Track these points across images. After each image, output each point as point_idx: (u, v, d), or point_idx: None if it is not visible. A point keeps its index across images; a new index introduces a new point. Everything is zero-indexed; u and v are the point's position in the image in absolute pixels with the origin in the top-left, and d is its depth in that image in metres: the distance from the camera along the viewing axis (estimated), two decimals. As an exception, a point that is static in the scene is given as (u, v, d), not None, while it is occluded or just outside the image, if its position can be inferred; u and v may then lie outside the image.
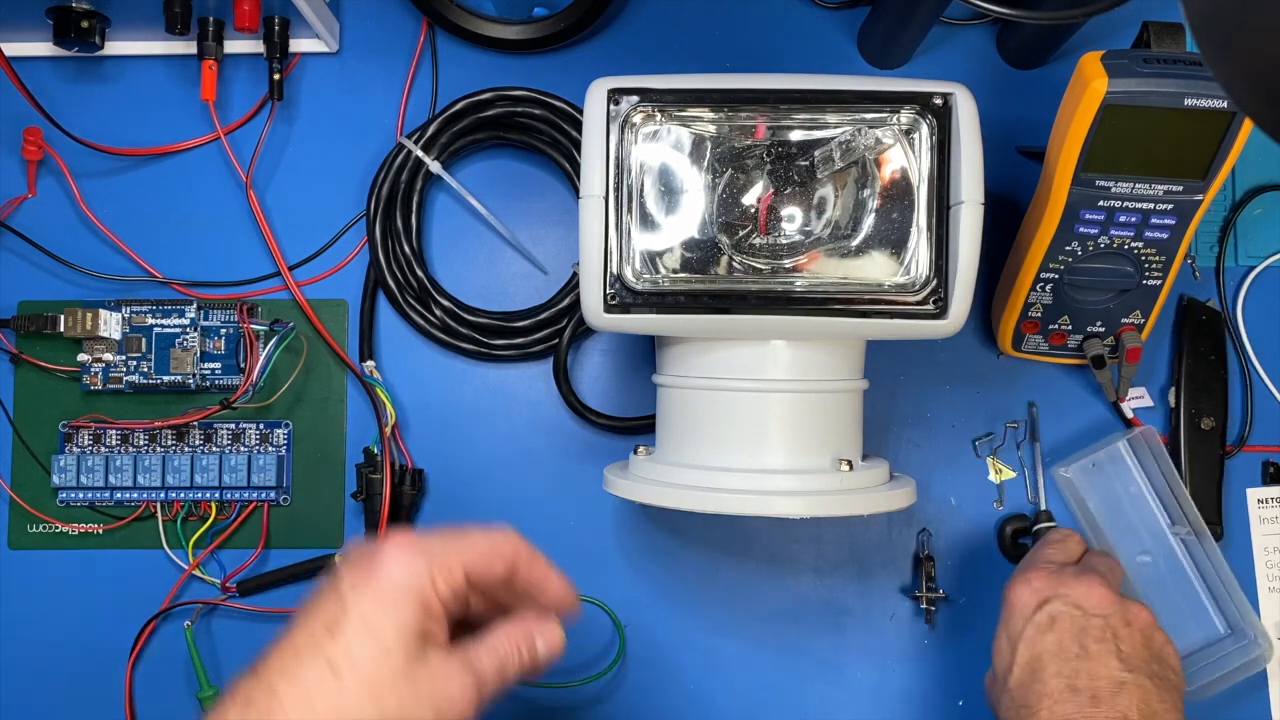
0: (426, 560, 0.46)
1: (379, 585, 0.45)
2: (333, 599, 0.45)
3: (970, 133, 0.55)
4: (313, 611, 0.45)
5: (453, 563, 0.46)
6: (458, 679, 0.46)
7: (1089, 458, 0.68)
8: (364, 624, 0.44)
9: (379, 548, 0.46)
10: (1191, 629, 0.67)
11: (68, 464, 0.68)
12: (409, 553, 0.46)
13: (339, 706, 0.43)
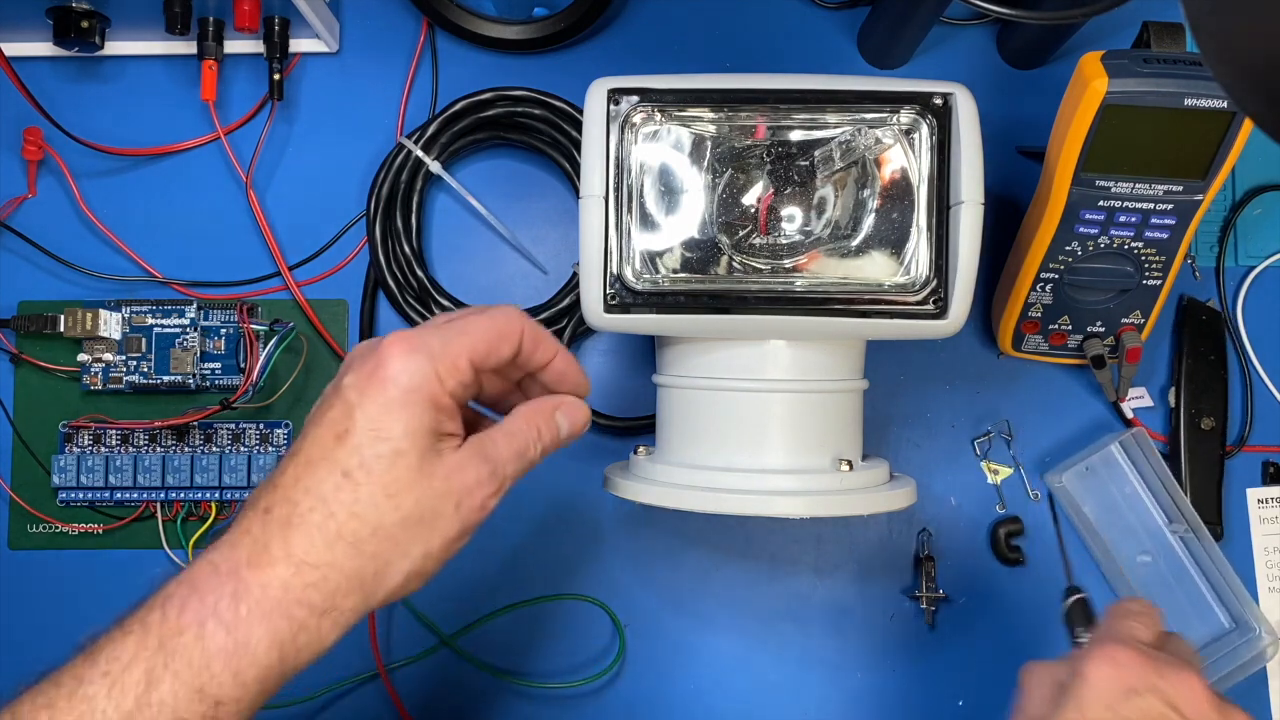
0: (429, 359, 0.45)
1: (384, 389, 0.45)
2: (339, 406, 0.45)
3: (970, 133, 0.55)
4: (321, 420, 0.45)
5: (456, 356, 0.46)
6: (473, 469, 0.47)
7: (1083, 462, 0.68)
8: (373, 430, 0.44)
9: (380, 350, 0.45)
10: (1196, 625, 0.67)
11: (68, 464, 0.68)
12: (411, 353, 0.45)
13: (357, 511, 0.44)
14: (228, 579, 0.42)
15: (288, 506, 0.44)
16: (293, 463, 0.45)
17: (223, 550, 0.43)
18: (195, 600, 0.42)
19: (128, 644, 0.41)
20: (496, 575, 0.69)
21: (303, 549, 0.43)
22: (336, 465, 0.44)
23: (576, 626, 0.69)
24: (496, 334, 0.48)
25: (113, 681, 0.40)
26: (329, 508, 0.43)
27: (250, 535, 0.43)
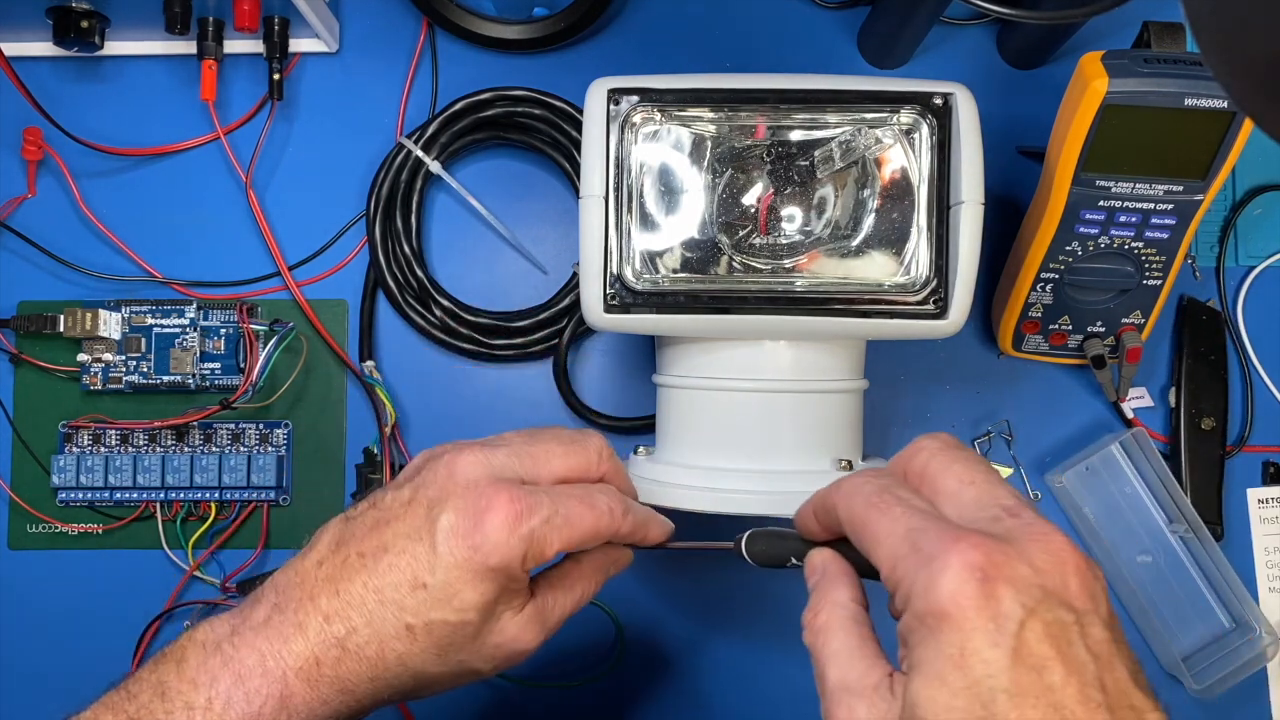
0: (527, 540, 0.45)
1: (474, 555, 0.44)
2: (425, 546, 0.45)
3: (970, 133, 0.55)
4: (404, 547, 0.45)
5: (550, 544, 0.46)
6: (529, 636, 0.48)
7: (1083, 462, 0.68)
8: (448, 593, 0.44)
9: (486, 505, 0.45)
10: (1197, 626, 0.67)
11: (67, 464, 0.68)
12: (514, 529, 0.45)
13: (407, 662, 0.45)
14: (275, 682, 0.43)
15: (345, 627, 0.44)
16: (364, 578, 0.45)
17: (273, 641, 0.44)
18: (241, 697, 0.43)
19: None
20: (496, 575, 0.69)
21: (348, 675, 0.45)
22: (404, 613, 0.44)
23: (576, 627, 0.68)
24: (595, 532, 0.48)
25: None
26: (382, 649, 0.45)
27: (304, 637, 0.44)
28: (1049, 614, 0.36)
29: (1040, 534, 0.38)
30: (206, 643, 0.45)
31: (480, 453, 0.47)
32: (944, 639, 0.37)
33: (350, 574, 0.45)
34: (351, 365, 0.69)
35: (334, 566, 0.45)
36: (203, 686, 0.43)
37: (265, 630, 0.44)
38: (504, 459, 0.47)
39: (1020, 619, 0.36)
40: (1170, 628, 0.67)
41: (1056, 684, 0.36)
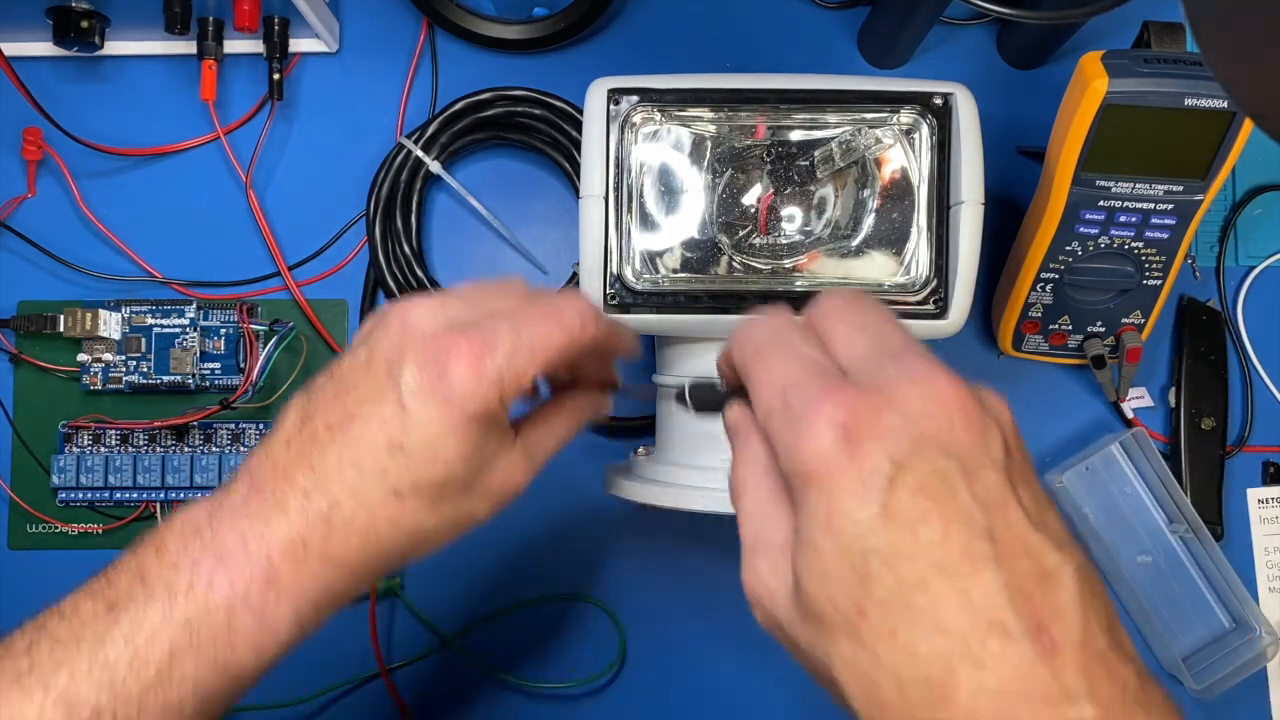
0: (497, 380, 0.43)
1: (447, 410, 0.42)
2: (393, 407, 0.42)
3: (970, 133, 0.55)
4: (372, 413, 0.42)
5: (523, 372, 0.43)
6: (519, 473, 0.47)
7: (1083, 462, 0.68)
8: (429, 452, 0.42)
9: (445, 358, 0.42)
10: (1197, 626, 0.67)
11: (67, 464, 0.68)
12: (479, 374, 0.42)
13: (400, 524, 0.43)
14: (259, 562, 0.42)
15: (326, 501, 0.42)
16: (336, 450, 0.43)
17: (253, 522, 0.42)
18: (224, 579, 0.41)
19: (152, 612, 0.41)
20: (497, 576, 0.69)
21: (338, 550, 0.43)
22: (387, 479, 0.43)
23: (577, 627, 0.69)
24: (568, 344, 0.45)
25: (135, 652, 0.40)
26: (372, 517, 0.43)
27: (286, 518, 0.42)
28: (925, 464, 0.33)
29: (921, 376, 0.35)
30: (184, 528, 0.43)
31: (431, 303, 0.44)
32: (813, 502, 0.34)
33: (321, 448, 0.43)
34: (351, 365, 0.69)
35: (303, 443, 0.43)
36: (183, 570, 0.41)
37: (244, 511, 0.42)
38: (458, 307, 0.44)
39: (889, 474, 0.33)
40: (1170, 628, 0.67)
41: (935, 539, 0.33)
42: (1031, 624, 0.33)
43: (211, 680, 0.41)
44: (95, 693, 0.40)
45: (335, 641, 0.68)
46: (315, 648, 0.68)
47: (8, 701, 0.39)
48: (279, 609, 0.42)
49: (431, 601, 0.68)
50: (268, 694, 0.67)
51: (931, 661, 0.33)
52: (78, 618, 0.41)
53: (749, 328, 0.39)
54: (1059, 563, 0.34)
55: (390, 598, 0.68)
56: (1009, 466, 0.35)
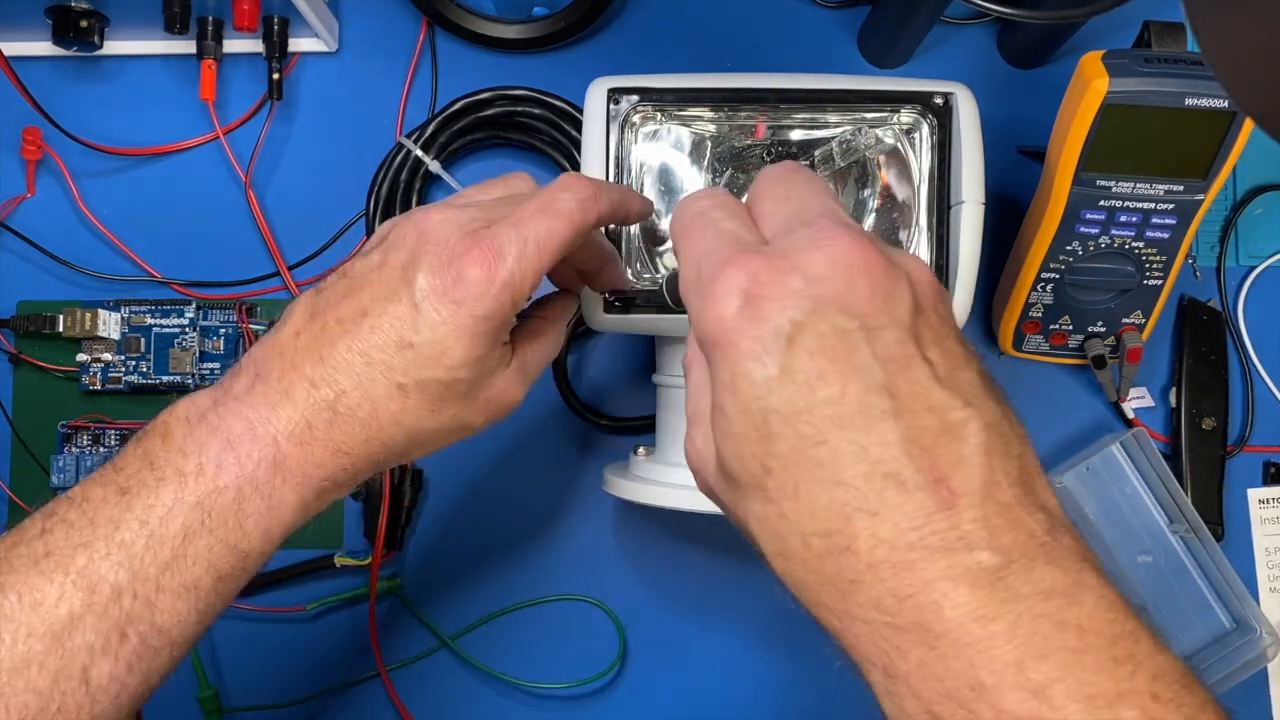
0: (510, 290, 0.44)
1: (458, 312, 0.43)
2: (406, 305, 0.43)
3: (971, 132, 0.55)
4: (384, 310, 0.44)
5: (530, 273, 0.44)
6: (515, 387, 0.48)
7: (1083, 462, 0.68)
8: (437, 351, 0.44)
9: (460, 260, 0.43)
10: (1198, 626, 0.67)
11: (66, 464, 0.68)
12: (490, 279, 0.43)
13: (402, 421, 0.44)
14: (267, 445, 0.43)
15: (333, 390, 0.43)
16: (346, 341, 0.44)
17: (259, 409, 0.43)
18: (233, 461, 0.42)
19: (164, 494, 0.42)
20: (497, 576, 0.69)
21: (341, 437, 0.44)
22: (393, 373, 0.44)
23: (577, 627, 0.68)
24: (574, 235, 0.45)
25: (150, 532, 0.41)
26: (375, 409, 0.44)
27: (291, 403, 0.43)
28: (823, 324, 0.34)
29: (828, 241, 0.35)
30: (190, 416, 0.44)
31: (447, 210, 0.45)
32: (719, 367, 0.36)
33: (331, 340, 0.44)
34: (351, 365, 0.69)
35: (312, 335, 0.44)
36: (191, 454, 0.42)
37: (249, 399, 0.43)
38: (473, 215, 0.45)
39: (788, 334, 0.34)
40: (1171, 628, 0.67)
41: (833, 396, 0.34)
42: (930, 476, 0.34)
43: (225, 560, 0.43)
44: (114, 572, 0.41)
45: (335, 642, 0.68)
46: (315, 648, 0.68)
47: (29, 584, 0.40)
48: (285, 491, 0.43)
49: (431, 601, 0.68)
50: (267, 694, 0.67)
51: (831, 514, 0.34)
52: (89, 503, 0.42)
53: (681, 206, 0.41)
54: (964, 417, 0.35)
55: (390, 597, 0.68)
56: (917, 324, 0.36)
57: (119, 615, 0.41)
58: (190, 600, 0.42)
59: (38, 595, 0.40)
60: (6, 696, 0.39)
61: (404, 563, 0.69)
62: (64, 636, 0.40)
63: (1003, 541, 0.34)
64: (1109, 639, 0.33)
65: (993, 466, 0.34)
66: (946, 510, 0.33)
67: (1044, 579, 0.33)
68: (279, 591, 0.68)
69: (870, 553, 0.34)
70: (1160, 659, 0.33)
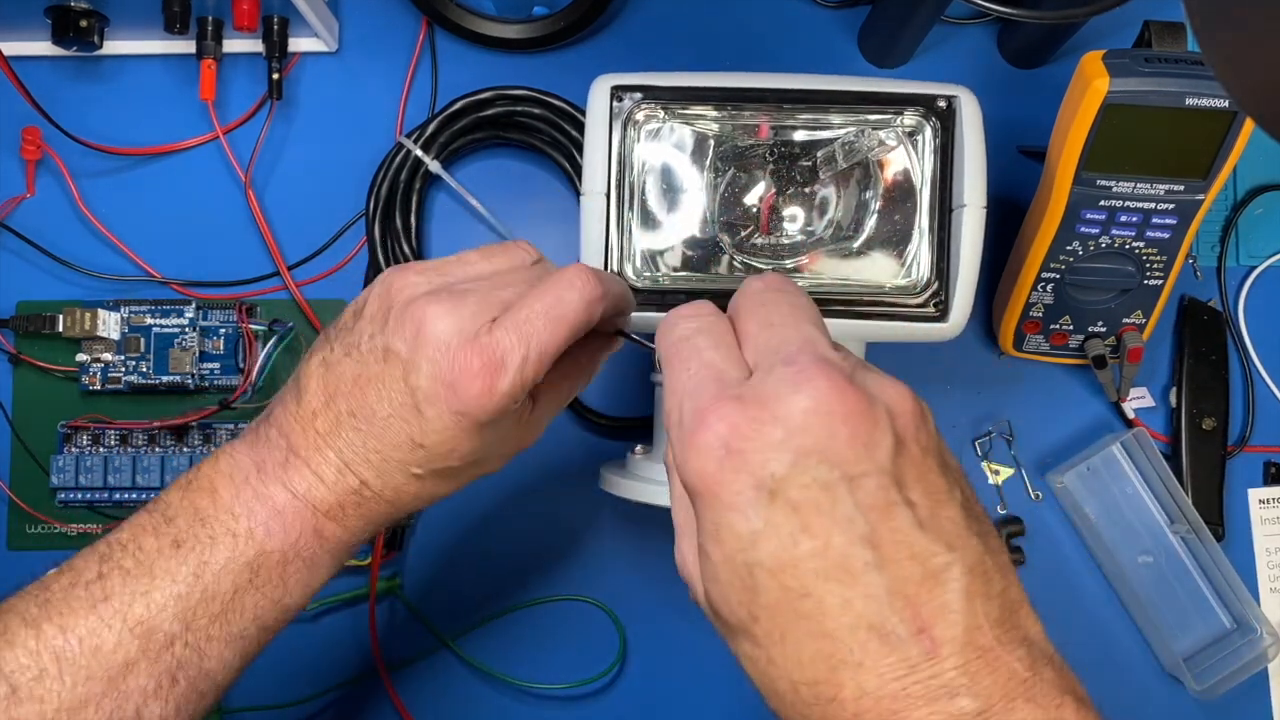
0: (510, 398, 0.44)
1: (461, 421, 0.44)
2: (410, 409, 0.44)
3: (974, 135, 0.54)
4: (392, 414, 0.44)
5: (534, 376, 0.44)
6: (530, 438, 0.50)
7: (1084, 462, 0.68)
8: (445, 450, 0.45)
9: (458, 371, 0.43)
10: (1198, 626, 0.67)
11: (66, 464, 0.68)
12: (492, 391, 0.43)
13: (419, 493, 0.47)
14: (308, 519, 0.45)
15: (357, 479, 0.46)
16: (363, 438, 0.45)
17: (297, 484, 0.45)
18: (279, 529, 0.45)
19: (218, 553, 0.44)
20: (496, 577, 0.68)
21: (370, 514, 0.47)
22: (409, 466, 0.46)
23: (577, 627, 0.68)
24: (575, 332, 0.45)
25: (204, 587, 0.44)
26: (397, 493, 0.46)
27: (325, 487, 0.45)
28: (805, 476, 0.35)
29: (807, 385, 0.35)
30: (234, 475, 0.46)
31: (447, 301, 0.44)
32: (703, 515, 0.36)
33: (348, 434, 0.45)
34: (351, 365, 0.69)
35: (329, 422, 0.45)
36: (241, 517, 0.45)
37: (287, 472, 0.46)
38: (473, 309, 0.44)
39: (770, 488, 0.35)
40: (1171, 628, 0.67)
41: (817, 549, 0.34)
42: (913, 626, 0.34)
43: (269, 613, 0.46)
44: (169, 623, 0.43)
45: (335, 641, 0.68)
46: (315, 648, 0.68)
47: (88, 628, 0.42)
48: (323, 556, 0.46)
49: (431, 602, 0.68)
50: (267, 694, 0.67)
51: (817, 664, 0.35)
52: (143, 553, 0.44)
53: (666, 325, 0.41)
54: (946, 562, 0.35)
55: (390, 598, 0.68)
56: (898, 466, 0.36)
57: (171, 662, 0.43)
58: (237, 648, 0.45)
59: (97, 641, 0.42)
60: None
61: (404, 563, 0.69)
62: (119, 680, 0.42)
63: (983, 685, 0.34)
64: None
65: (974, 610, 0.35)
66: (929, 660, 0.34)
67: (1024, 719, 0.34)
68: (279, 592, 0.68)
69: (856, 703, 0.34)
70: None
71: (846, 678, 0.34)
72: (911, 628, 0.34)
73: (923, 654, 0.34)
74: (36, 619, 0.43)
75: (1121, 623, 0.68)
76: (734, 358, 0.39)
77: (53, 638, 0.42)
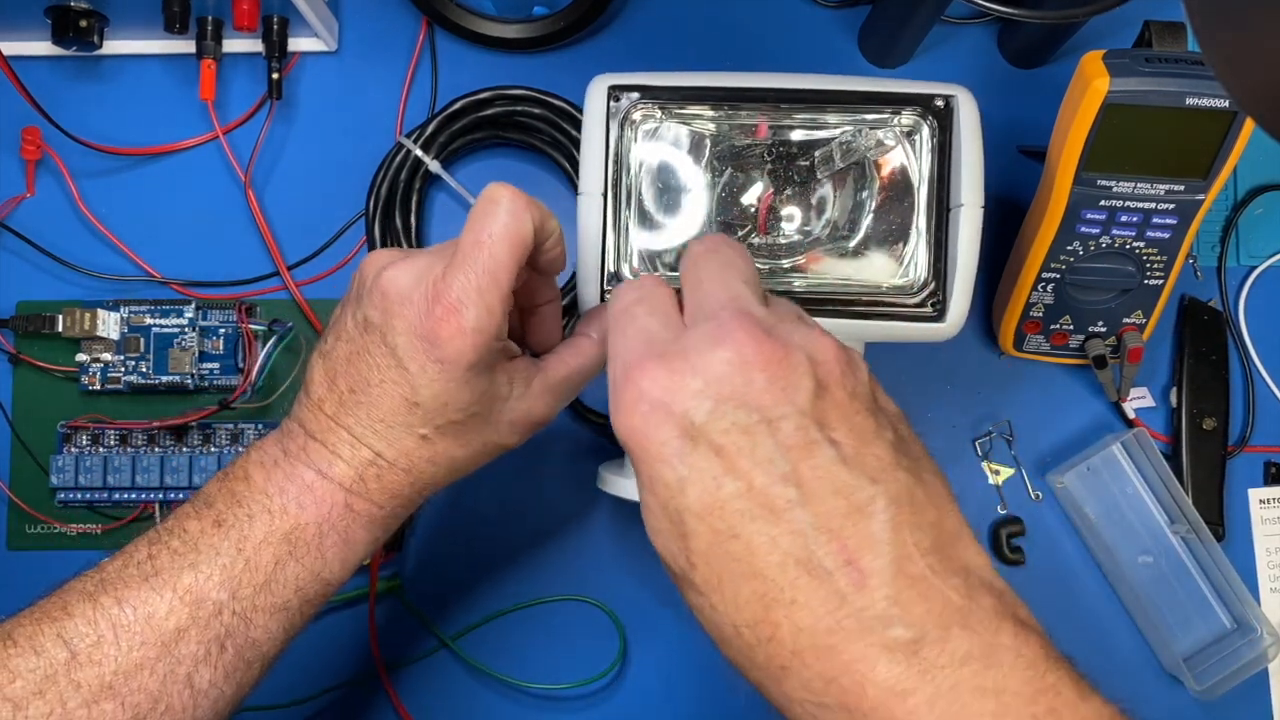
0: (485, 335, 0.45)
1: (448, 371, 0.46)
2: (398, 373, 0.46)
3: (972, 135, 0.54)
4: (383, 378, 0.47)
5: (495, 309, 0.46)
6: (540, 407, 0.51)
7: (1084, 463, 0.68)
8: (442, 404, 0.47)
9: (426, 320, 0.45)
10: (1199, 626, 0.67)
11: (66, 464, 0.68)
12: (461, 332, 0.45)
13: (435, 461, 0.49)
14: (337, 492, 0.48)
15: (370, 451, 0.48)
16: (364, 410, 0.47)
17: (321, 464, 0.48)
18: (311, 503, 0.47)
19: (256, 529, 0.47)
20: (496, 577, 0.68)
21: (391, 485, 0.48)
22: (412, 428, 0.47)
23: (577, 627, 0.68)
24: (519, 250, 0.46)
25: (247, 559, 0.46)
26: (410, 460, 0.48)
27: (344, 463, 0.48)
28: (724, 421, 0.36)
29: (725, 335, 0.37)
30: (264, 462, 0.48)
31: (403, 264, 0.47)
32: (638, 469, 0.39)
33: (351, 410, 0.48)
34: (351, 365, 0.69)
35: (335, 405, 0.48)
36: (275, 495, 0.47)
37: (309, 454, 0.48)
38: (426, 262, 0.47)
39: (693, 436, 0.36)
40: (1172, 628, 0.67)
41: (740, 490, 0.36)
42: (840, 559, 0.35)
43: (310, 585, 0.48)
44: (216, 591, 0.45)
45: (335, 642, 0.68)
46: (315, 648, 0.68)
47: (142, 599, 0.45)
48: (356, 529, 0.48)
49: (430, 602, 0.68)
50: (267, 694, 0.66)
51: (753, 605, 0.36)
52: (187, 534, 0.47)
53: (612, 297, 0.44)
54: (871, 495, 0.36)
55: (390, 598, 0.68)
56: (819, 408, 0.37)
57: (219, 629, 0.45)
58: (281, 619, 0.47)
59: (150, 609, 0.45)
60: (123, 695, 0.43)
61: (404, 563, 0.68)
62: (172, 646, 0.45)
63: (915, 614, 0.35)
64: (1028, 697, 0.34)
65: (903, 540, 0.35)
66: (859, 590, 0.35)
67: (960, 646, 0.34)
68: (278, 592, 0.68)
69: (794, 640, 0.35)
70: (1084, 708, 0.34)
71: (781, 616, 0.35)
72: (839, 560, 0.35)
73: (852, 585, 0.35)
74: (93, 593, 0.45)
75: (1121, 623, 0.68)
76: (669, 321, 0.41)
77: (109, 608, 0.44)
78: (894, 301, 0.55)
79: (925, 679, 0.34)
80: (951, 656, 0.34)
